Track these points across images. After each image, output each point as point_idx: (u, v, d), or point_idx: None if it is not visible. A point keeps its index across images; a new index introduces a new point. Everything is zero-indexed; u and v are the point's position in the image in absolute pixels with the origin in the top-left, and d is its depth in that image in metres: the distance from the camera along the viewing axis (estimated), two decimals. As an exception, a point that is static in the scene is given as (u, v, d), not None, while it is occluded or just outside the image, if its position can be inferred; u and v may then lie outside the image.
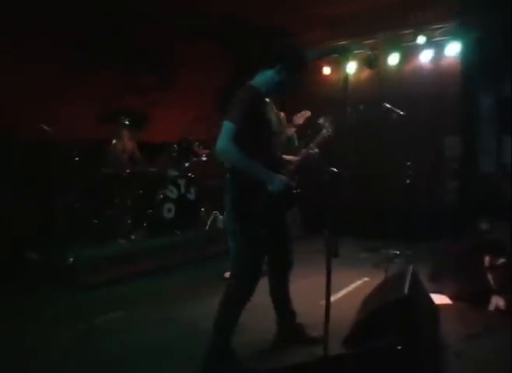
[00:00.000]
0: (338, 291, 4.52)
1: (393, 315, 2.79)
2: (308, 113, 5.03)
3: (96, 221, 5.56)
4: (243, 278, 2.90)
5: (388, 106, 5.42)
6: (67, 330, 3.52)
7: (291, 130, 5.08)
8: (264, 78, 2.88)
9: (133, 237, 5.44)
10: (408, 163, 5.58)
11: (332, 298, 4.20)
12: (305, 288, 4.54)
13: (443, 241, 5.13)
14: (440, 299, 4.02)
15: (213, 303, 2.99)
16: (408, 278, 3.14)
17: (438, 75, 6.81)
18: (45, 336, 3.43)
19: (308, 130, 4.93)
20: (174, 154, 6.38)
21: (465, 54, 6.51)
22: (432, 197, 6.75)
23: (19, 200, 5.39)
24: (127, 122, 5.86)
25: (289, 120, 5.27)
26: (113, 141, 6.02)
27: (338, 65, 7.69)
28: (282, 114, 5.62)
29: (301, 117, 5.05)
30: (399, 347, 2.38)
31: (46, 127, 5.31)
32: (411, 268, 3.40)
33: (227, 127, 2.67)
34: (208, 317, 2.96)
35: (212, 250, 5.86)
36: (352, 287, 4.71)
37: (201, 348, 2.86)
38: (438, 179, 6.84)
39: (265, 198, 2.75)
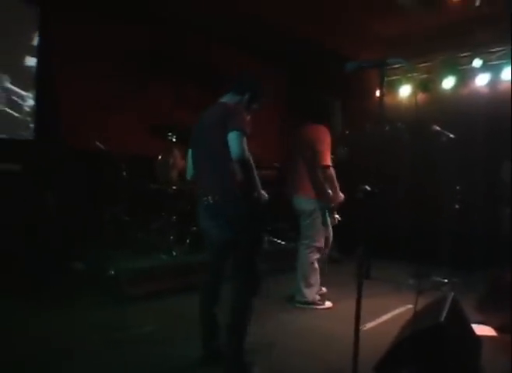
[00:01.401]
0: (380, 316, 4.40)
1: (426, 343, 2.65)
2: None
3: (140, 235, 5.65)
4: (255, 283, 3.05)
5: (438, 128, 5.27)
6: (99, 338, 3.55)
7: None
8: (233, 99, 3.21)
9: (174, 253, 5.47)
10: (458, 187, 5.37)
11: (371, 324, 4.15)
12: (343, 312, 4.42)
13: (495, 269, 4.86)
14: (483, 330, 3.78)
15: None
16: (447, 305, 2.99)
17: (494, 99, 6.58)
18: (76, 342, 3.47)
19: None
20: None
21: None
22: (485, 224, 6.41)
23: (70, 209, 5.54)
24: (174, 139, 5.93)
25: None
26: (159, 157, 6.13)
27: (392, 88, 7.66)
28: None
29: None
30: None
31: (99, 144, 5.51)
32: (451, 295, 3.24)
33: (240, 135, 2.84)
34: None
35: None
36: (394, 314, 4.54)
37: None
38: (493, 205, 6.50)
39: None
